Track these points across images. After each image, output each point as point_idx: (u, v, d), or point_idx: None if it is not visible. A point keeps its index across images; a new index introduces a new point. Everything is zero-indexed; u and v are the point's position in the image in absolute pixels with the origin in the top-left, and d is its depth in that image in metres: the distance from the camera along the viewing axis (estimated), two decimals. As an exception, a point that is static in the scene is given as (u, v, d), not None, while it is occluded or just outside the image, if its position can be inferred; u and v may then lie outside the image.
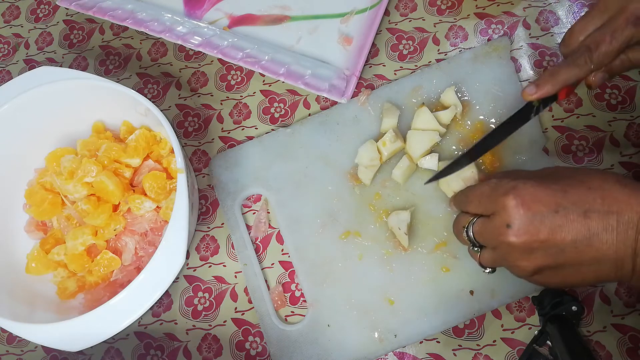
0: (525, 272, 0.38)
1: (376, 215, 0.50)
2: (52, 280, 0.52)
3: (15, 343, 0.55)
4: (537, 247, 0.36)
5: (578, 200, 0.35)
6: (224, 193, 0.54)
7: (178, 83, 0.60)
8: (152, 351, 0.52)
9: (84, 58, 0.63)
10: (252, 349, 0.51)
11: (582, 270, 0.36)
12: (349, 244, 0.50)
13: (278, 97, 0.58)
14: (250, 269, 0.51)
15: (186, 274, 0.54)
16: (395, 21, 0.58)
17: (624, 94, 0.50)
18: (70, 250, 0.50)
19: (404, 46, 0.57)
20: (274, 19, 0.59)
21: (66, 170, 0.51)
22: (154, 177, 0.50)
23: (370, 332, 0.48)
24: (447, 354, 0.47)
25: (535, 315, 0.47)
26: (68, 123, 0.55)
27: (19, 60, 0.65)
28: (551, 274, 0.37)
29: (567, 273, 0.37)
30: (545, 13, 0.54)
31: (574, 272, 0.36)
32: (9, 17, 0.68)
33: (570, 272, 0.36)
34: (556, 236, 0.35)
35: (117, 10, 0.60)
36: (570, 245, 0.35)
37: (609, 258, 0.35)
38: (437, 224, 0.49)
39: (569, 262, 0.36)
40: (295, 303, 0.51)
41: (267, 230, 0.53)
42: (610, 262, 0.35)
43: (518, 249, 0.36)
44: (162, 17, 0.59)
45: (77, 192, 0.51)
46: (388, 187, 0.51)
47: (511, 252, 0.37)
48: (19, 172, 0.55)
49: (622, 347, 0.45)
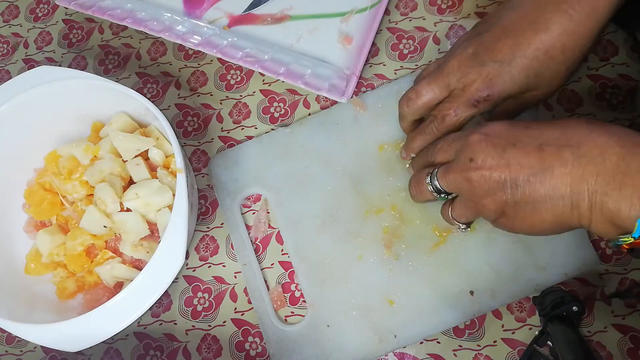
0: (490, 213, 0.37)
1: (376, 215, 0.50)
2: (51, 281, 0.52)
3: (14, 343, 0.55)
4: (497, 182, 0.35)
5: (537, 134, 0.35)
6: (224, 193, 0.54)
7: (177, 82, 0.60)
8: (152, 351, 0.52)
9: (83, 57, 0.63)
10: (251, 349, 0.51)
11: (538, 209, 0.35)
12: (349, 244, 0.50)
13: (278, 96, 0.58)
14: (249, 269, 0.51)
15: (186, 274, 0.54)
16: (396, 20, 0.57)
17: (624, 94, 0.50)
18: (69, 250, 0.50)
19: (405, 45, 0.56)
20: (274, 18, 0.59)
21: (65, 170, 0.51)
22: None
23: (370, 332, 0.48)
24: (448, 355, 0.47)
25: (536, 315, 0.47)
26: (67, 123, 0.55)
27: (18, 59, 0.65)
28: (512, 215, 0.36)
29: (525, 213, 0.36)
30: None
31: (531, 211, 0.35)
32: (8, 17, 0.67)
33: (528, 211, 0.35)
34: (512, 170, 0.35)
35: (116, 10, 0.60)
36: (524, 179, 0.34)
37: (563, 194, 0.33)
38: (436, 222, 0.49)
39: (524, 199, 0.35)
40: (295, 303, 0.51)
41: (267, 230, 0.53)
42: (565, 199, 0.33)
43: (481, 185, 0.36)
44: (162, 17, 0.59)
45: (76, 192, 0.51)
46: (388, 187, 0.51)
47: (475, 189, 0.37)
48: (18, 171, 0.54)
49: (623, 348, 0.45)
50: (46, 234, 0.51)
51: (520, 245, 0.47)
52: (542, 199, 0.34)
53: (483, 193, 0.36)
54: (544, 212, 0.35)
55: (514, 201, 0.35)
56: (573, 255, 0.46)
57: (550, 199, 0.34)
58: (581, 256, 0.46)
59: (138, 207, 0.49)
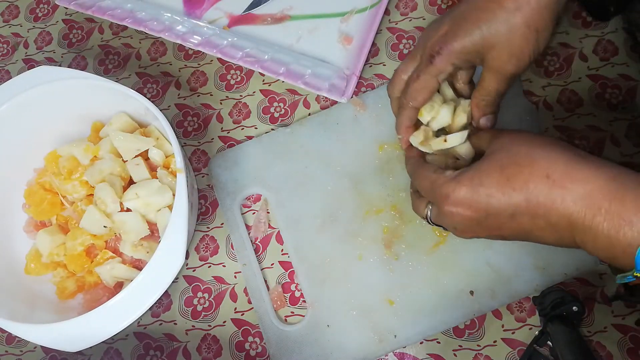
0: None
1: (376, 215, 0.50)
2: (51, 280, 0.52)
3: (14, 343, 0.55)
4: (485, 234, 0.38)
5: (506, 206, 0.35)
6: (224, 193, 0.54)
7: (177, 82, 0.60)
8: (152, 351, 0.52)
9: (83, 57, 0.63)
10: (251, 349, 0.51)
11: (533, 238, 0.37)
12: (349, 244, 0.50)
13: (278, 96, 0.58)
14: (249, 269, 0.51)
15: (186, 274, 0.54)
16: (396, 20, 0.57)
17: (624, 94, 0.50)
18: (69, 250, 0.50)
19: (405, 45, 0.56)
20: (274, 18, 0.59)
21: (65, 170, 0.51)
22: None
23: (370, 332, 0.48)
24: (448, 355, 0.47)
25: (536, 315, 0.47)
26: (67, 123, 0.55)
27: (18, 59, 0.65)
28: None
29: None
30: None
31: (525, 237, 0.37)
32: (8, 17, 0.67)
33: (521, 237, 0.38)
34: (495, 233, 0.37)
35: (116, 10, 0.60)
36: (512, 236, 0.37)
37: (552, 243, 0.36)
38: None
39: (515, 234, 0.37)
40: (295, 303, 0.51)
41: (267, 230, 0.53)
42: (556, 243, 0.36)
43: (470, 234, 0.39)
44: (162, 17, 0.59)
45: (76, 192, 0.51)
46: (388, 187, 0.51)
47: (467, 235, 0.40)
48: (18, 171, 0.54)
49: (623, 348, 0.45)
50: (46, 234, 0.51)
51: (520, 245, 0.47)
52: (534, 239, 0.37)
53: (474, 235, 0.39)
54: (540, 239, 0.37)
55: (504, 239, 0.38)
56: (573, 256, 0.46)
57: (543, 240, 0.36)
58: (581, 256, 0.46)
59: (138, 207, 0.49)
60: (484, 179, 0.36)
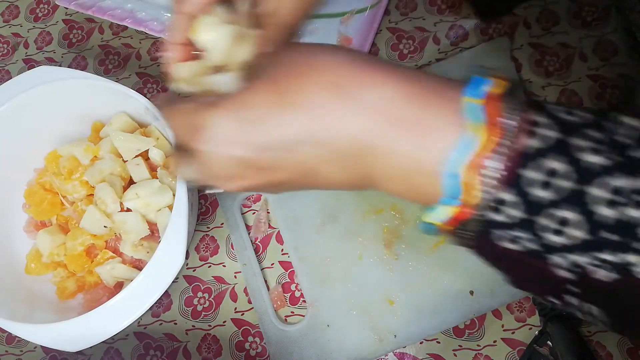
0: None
1: (376, 215, 0.50)
2: (52, 281, 0.52)
3: (15, 343, 0.55)
4: (259, 181, 0.29)
5: (282, 131, 0.27)
6: (224, 193, 0.54)
7: (177, 83, 0.60)
8: (152, 351, 0.52)
9: (83, 57, 0.63)
10: (251, 349, 0.51)
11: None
12: (349, 244, 0.50)
13: (278, 96, 0.57)
14: (249, 269, 0.51)
15: (186, 274, 0.54)
16: (396, 20, 0.57)
17: (624, 94, 0.50)
18: (69, 250, 0.50)
19: (404, 45, 0.56)
20: (274, 18, 0.59)
21: (65, 170, 0.51)
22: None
23: (370, 332, 0.48)
24: (448, 354, 0.47)
25: (536, 315, 0.47)
26: (67, 123, 0.55)
27: (18, 59, 0.65)
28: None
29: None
30: (545, 13, 0.54)
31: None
32: (8, 17, 0.67)
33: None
34: (273, 177, 0.29)
35: (116, 10, 0.60)
36: (295, 183, 0.29)
37: (343, 185, 0.29)
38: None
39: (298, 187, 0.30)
40: (295, 303, 0.51)
41: (267, 230, 0.53)
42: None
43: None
44: (162, 17, 0.59)
45: (76, 192, 0.51)
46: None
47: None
48: (18, 171, 0.54)
49: (623, 348, 0.45)
50: (46, 234, 0.51)
51: (520, 245, 0.47)
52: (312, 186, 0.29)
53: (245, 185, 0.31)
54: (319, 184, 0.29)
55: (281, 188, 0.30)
56: (573, 255, 0.46)
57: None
58: (581, 256, 0.46)
59: (138, 207, 0.49)
60: (252, 99, 0.27)
